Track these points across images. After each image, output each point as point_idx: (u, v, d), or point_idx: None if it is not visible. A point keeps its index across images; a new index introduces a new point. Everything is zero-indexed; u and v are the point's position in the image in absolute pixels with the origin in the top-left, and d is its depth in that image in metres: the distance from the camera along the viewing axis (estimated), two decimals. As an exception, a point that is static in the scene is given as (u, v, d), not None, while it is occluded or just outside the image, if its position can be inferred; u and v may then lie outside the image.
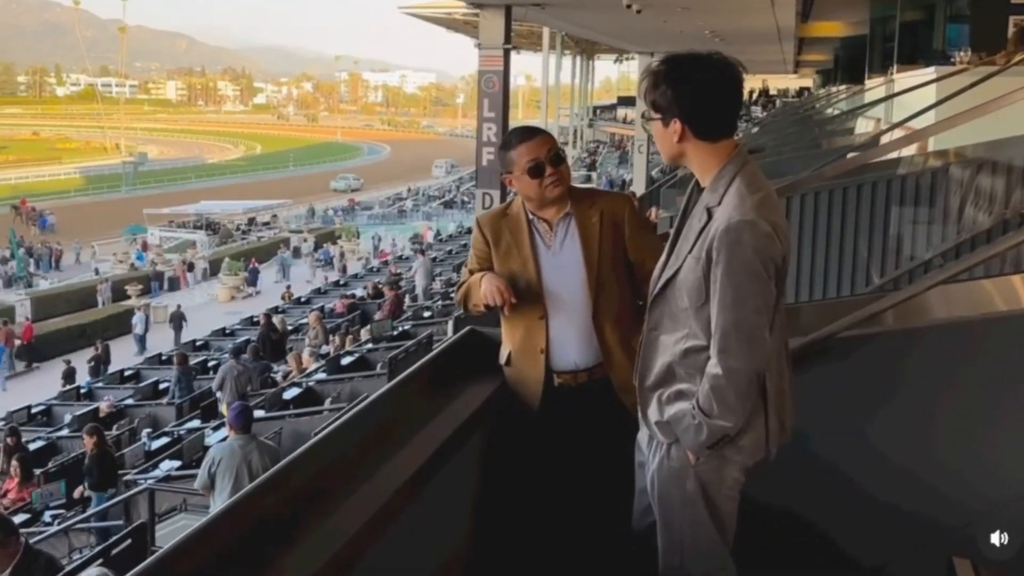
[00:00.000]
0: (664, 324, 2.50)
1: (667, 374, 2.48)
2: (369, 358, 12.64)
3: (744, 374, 2.31)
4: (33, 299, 31.71)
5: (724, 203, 2.33)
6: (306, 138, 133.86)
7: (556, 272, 3.04)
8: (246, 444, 6.52)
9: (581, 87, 60.22)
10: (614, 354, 3.00)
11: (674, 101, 2.35)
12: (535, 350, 3.05)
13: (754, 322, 2.31)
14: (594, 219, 3.01)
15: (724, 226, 2.29)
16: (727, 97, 2.39)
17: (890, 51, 15.78)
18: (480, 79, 13.52)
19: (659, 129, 2.41)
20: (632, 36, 23.56)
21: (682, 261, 2.41)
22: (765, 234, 2.28)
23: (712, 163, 2.38)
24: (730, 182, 2.35)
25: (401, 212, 54.93)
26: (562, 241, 3.05)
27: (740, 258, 2.28)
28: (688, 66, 2.37)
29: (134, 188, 69.37)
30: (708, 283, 2.33)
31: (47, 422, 16.19)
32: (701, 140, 2.38)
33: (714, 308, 2.33)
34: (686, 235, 2.43)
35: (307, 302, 25.49)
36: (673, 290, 2.45)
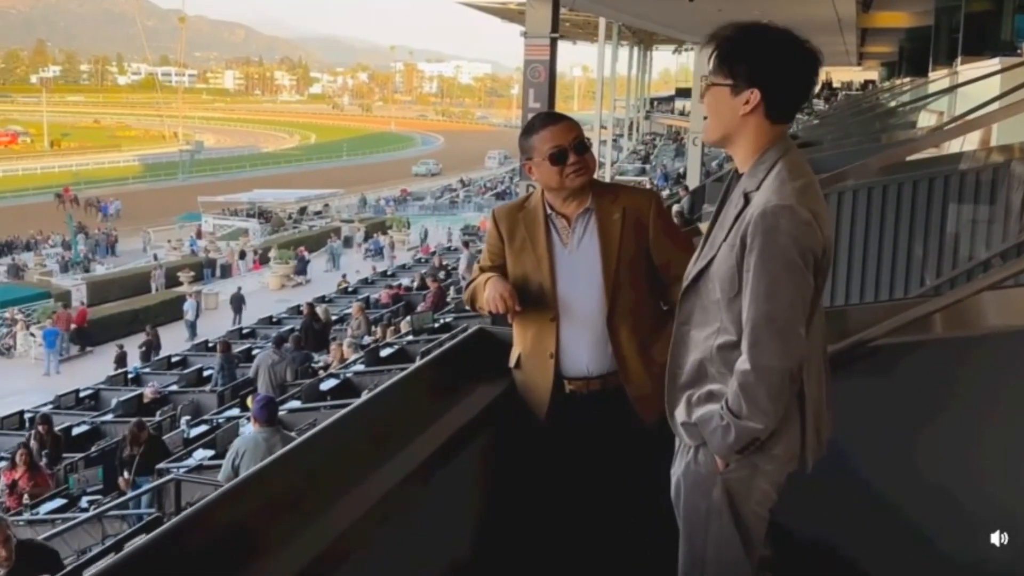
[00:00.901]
0: (695, 318, 2.32)
1: (698, 372, 2.30)
2: (409, 350, 12.51)
3: (776, 372, 2.12)
4: (89, 284, 32.22)
5: (763, 188, 2.17)
6: (360, 128, 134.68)
7: (571, 272, 2.83)
8: (270, 436, 6.41)
9: (638, 78, 59.58)
10: (629, 362, 2.80)
11: (759, 69, 2.17)
12: (545, 354, 2.84)
13: (788, 316, 2.12)
14: (615, 216, 2.80)
15: (760, 211, 2.12)
16: (810, 79, 2.23)
17: (955, 42, 15.22)
18: (526, 68, 13.30)
19: (723, 97, 2.22)
20: (686, 25, 23.16)
21: (716, 250, 2.24)
22: (804, 221, 2.10)
23: (760, 146, 2.21)
24: (771, 167, 2.18)
25: (453, 203, 54.87)
26: (580, 238, 2.84)
27: (776, 246, 2.10)
28: (779, 36, 2.20)
29: (190, 176, 70.34)
30: (741, 272, 2.16)
31: (94, 406, 16.35)
32: (766, 118, 2.20)
33: (746, 299, 2.15)
34: (721, 223, 2.26)
35: (354, 292, 25.49)
36: (705, 281, 2.28)
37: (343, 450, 2.49)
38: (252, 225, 44.12)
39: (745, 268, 2.14)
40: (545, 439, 2.87)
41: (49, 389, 19.40)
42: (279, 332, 17.92)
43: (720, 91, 2.22)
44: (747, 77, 2.17)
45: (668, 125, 64.03)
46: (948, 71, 14.69)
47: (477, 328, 3.32)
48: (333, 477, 2.35)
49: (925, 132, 11.25)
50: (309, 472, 2.34)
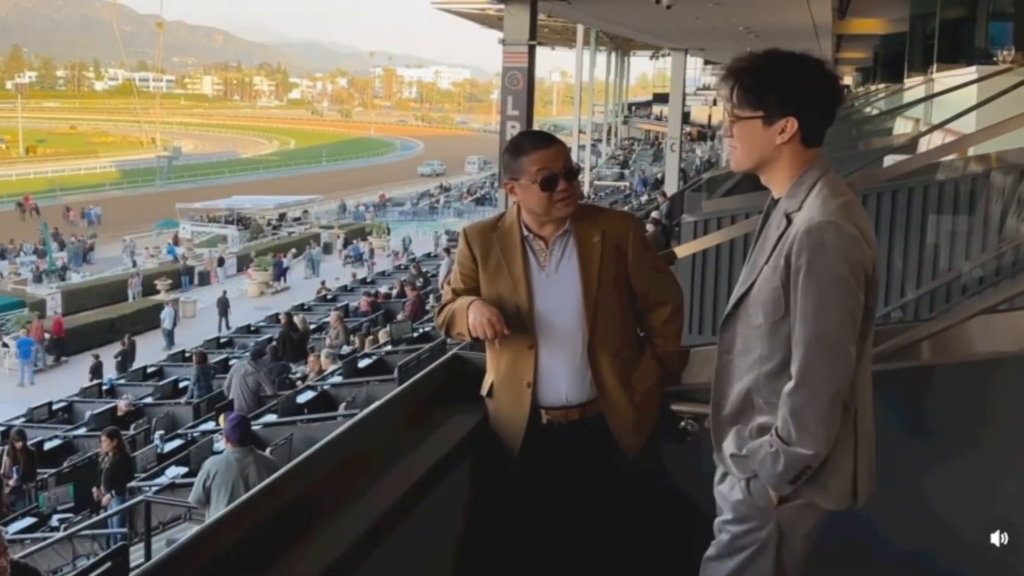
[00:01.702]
0: (737, 346, 2.27)
1: (744, 404, 2.25)
2: (387, 361, 12.34)
3: (826, 395, 2.06)
4: (64, 293, 31.79)
5: (805, 206, 2.13)
6: (340, 133, 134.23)
7: (549, 296, 2.71)
8: (243, 457, 6.25)
9: (616, 83, 59.68)
10: (610, 390, 2.69)
11: (791, 96, 2.14)
12: (520, 383, 2.73)
13: (838, 335, 2.07)
14: (595, 239, 2.70)
15: (805, 227, 2.08)
16: (838, 99, 2.24)
17: (930, 49, 15.26)
18: (504, 76, 13.18)
19: (755, 129, 2.17)
20: (664, 32, 23.16)
21: (757, 273, 2.20)
22: (851, 236, 2.06)
23: (797, 170, 2.19)
24: (812, 186, 2.15)
25: (432, 208, 54.68)
26: (558, 262, 2.72)
27: (823, 262, 2.05)
28: (802, 62, 2.19)
29: (168, 182, 69.77)
30: (787, 293, 2.12)
31: (68, 419, 16.10)
32: (801, 143, 2.17)
33: (794, 320, 2.10)
34: (761, 246, 2.23)
35: (333, 299, 25.31)
36: (746, 307, 2.23)
37: (315, 487, 2.40)
38: (231, 232, 43.77)
39: (792, 288, 2.09)
40: (521, 472, 2.76)
41: (23, 400, 19.10)
42: (256, 342, 17.75)
43: (751, 124, 2.18)
44: (779, 106, 2.14)
45: (646, 130, 64.19)
46: (923, 78, 14.72)
47: (452, 354, 3.21)
48: (306, 514, 2.28)
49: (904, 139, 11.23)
50: (281, 509, 2.25)
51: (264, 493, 2.28)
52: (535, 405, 2.72)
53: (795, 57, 2.18)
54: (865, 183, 4.92)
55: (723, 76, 2.24)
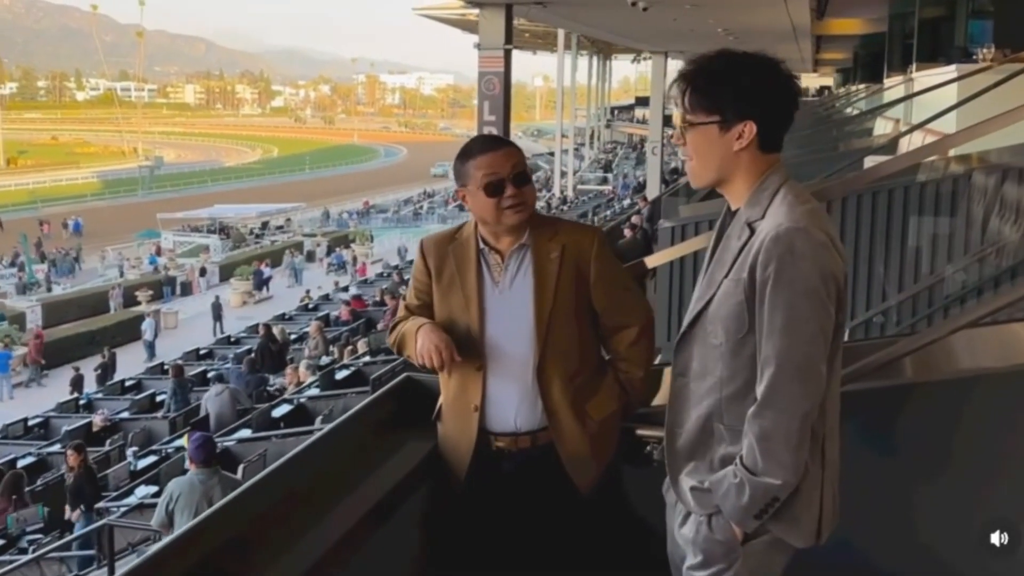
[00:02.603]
0: (693, 368, 2.07)
1: (703, 432, 2.05)
2: (365, 372, 12.12)
3: (796, 417, 1.88)
4: (44, 305, 31.42)
5: (769, 214, 1.96)
6: (323, 141, 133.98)
7: (501, 315, 2.51)
8: (207, 479, 6.04)
9: (598, 87, 59.67)
10: (561, 418, 2.49)
11: (749, 100, 1.98)
12: (468, 407, 2.53)
13: (810, 352, 1.89)
14: (554, 254, 2.48)
15: (773, 234, 1.90)
16: (795, 101, 2.06)
17: (910, 48, 15.18)
18: (480, 81, 13.01)
19: (710, 136, 2.00)
20: (643, 35, 23.06)
21: (716, 288, 2.01)
22: (822, 243, 1.90)
23: (757, 178, 2.02)
24: (774, 194, 1.99)
25: (416, 215, 54.46)
26: (513, 277, 2.51)
27: (794, 271, 1.88)
28: (758, 62, 2.02)
29: (150, 192, 69.34)
30: (752, 308, 1.93)
31: (44, 435, 15.81)
32: (759, 150, 2.01)
33: (760, 337, 1.92)
34: (720, 259, 2.04)
35: (314, 309, 25.06)
36: (703, 325, 2.04)
37: (261, 519, 2.25)
38: (213, 241, 43.41)
39: (757, 302, 1.92)
40: (468, 501, 2.57)
41: (2, 415, 18.80)
42: (235, 354, 17.51)
43: (706, 130, 2.01)
44: (737, 110, 1.98)
45: (629, 133, 64.13)
46: (903, 77, 14.63)
47: (404, 376, 3.02)
48: (252, 547, 2.15)
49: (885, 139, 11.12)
50: (227, 543, 2.13)
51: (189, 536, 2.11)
52: (483, 430, 2.53)
53: (751, 57, 2.02)
54: (845, 187, 4.75)
55: (675, 80, 2.07)
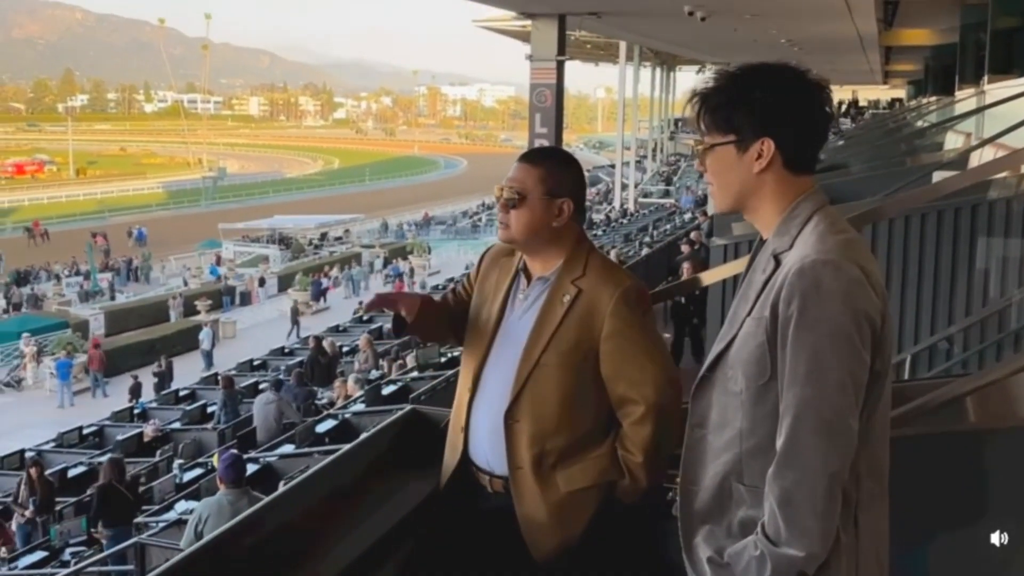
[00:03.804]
0: (711, 418, 1.82)
1: (721, 492, 1.79)
2: (412, 387, 11.92)
3: (821, 478, 1.61)
4: (107, 313, 31.96)
5: (797, 245, 1.74)
6: (384, 152, 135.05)
7: (504, 345, 2.31)
8: (237, 500, 5.88)
9: (662, 99, 59.11)
10: (522, 476, 2.22)
11: (768, 115, 1.76)
12: (457, 426, 2.39)
13: (837, 403, 1.62)
14: (566, 296, 2.23)
15: (798, 267, 1.67)
16: (824, 114, 1.81)
17: (982, 60, 14.64)
18: (531, 92, 12.79)
19: (728, 157, 1.80)
20: (703, 45, 22.71)
21: (738, 327, 1.78)
22: (854, 279, 1.65)
23: (787, 202, 1.79)
24: (805, 222, 1.76)
25: (475, 227, 54.42)
26: (527, 308, 2.30)
27: (819, 310, 1.63)
28: (779, 74, 1.80)
29: (213, 202, 70.39)
30: (773, 350, 1.69)
31: (99, 443, 15.92)
32: (787, 170, 1.78)
33: (782, 384, 1.66)
34: (744, 295, 1.81)
35: (369, 321, 25.00)
36: (724, 369, 1.80)
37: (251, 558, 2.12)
38: (272, 252, 43.86)
39: (779, 344, 1.67)
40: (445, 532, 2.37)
41: (63, 423, 19.02)
42: (287, 366, 17.48)
43: (723, 152, 1.81)
44: (752, 127, 1.77)
45: (692, 146, 63.36)
46: (975, 90, 14.12)
47: (410, 408, 2.83)
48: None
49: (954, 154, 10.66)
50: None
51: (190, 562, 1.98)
52: (467, 455, 2.34)
53: (769, 68, 1.80)
54: (903, 204, 4.41)
55: (688, 100, 1.85)
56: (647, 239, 26.21)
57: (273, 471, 9.66)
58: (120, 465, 9.88)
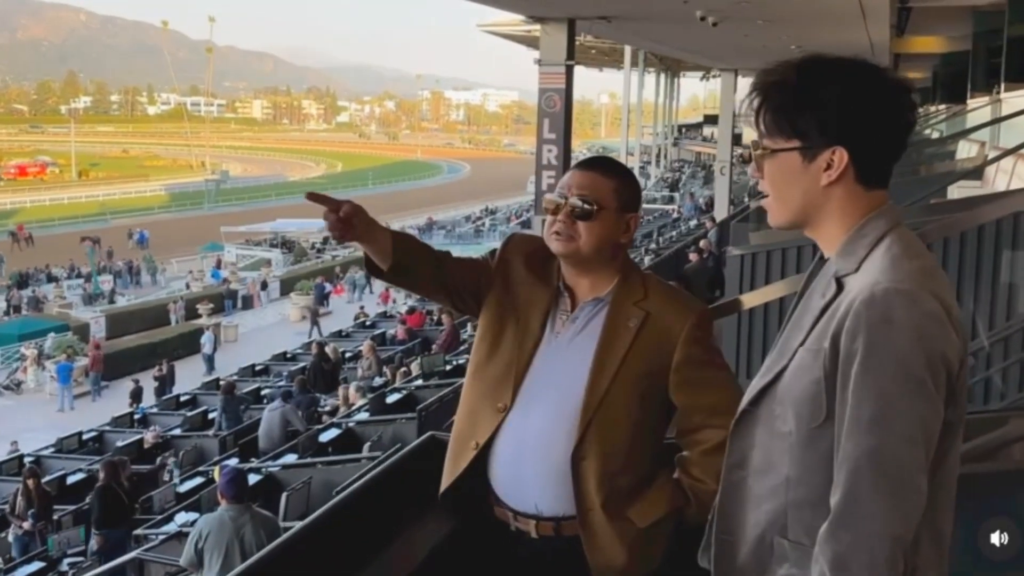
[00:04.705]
0: (753, 459, 1.60)
1: (761, 546, 1.57)
2: (417, 396, 11.75)
3: (883, 542, 1.38)
4: (108, 316, 31.80)
5: (864, 268, 1.49)
6: (387, 156, 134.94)
7: (549, 371, 2.09)
8: (239, 516, 5.70)
9: (665, 105, 59.02)
10: (594, 519, 2.05)
11: (842, 120, 1.50)
12: (468, 441, 2.14)
13: (905, 457, 1.39)
14: (632, 321, 2.05)
15: (866, 296, 1.42)
16: (907, 121, 1.55)
17: (996, 68, 14.45)
18: (540, 97, 12.64)
19: (791, 165, 1.54)
20: (712, 51, 22.54)
21: (788, 358, 1.54)
22: (931, 314, 1.40)
23: (855, 219, 1.54)
24: (876, 242, 1.51)
25: (478, 231, 54.30)
26: (577, 332, 2.09)
27: (890, 348, 1.38)
28: (857, 71, 1.53)
29: (216, 205, 70.30)
30: (831, 389, 1.44)
31: (99, 449, 15.75)
32: (858, 183, 1.53)
33: (840, 430, 1.43)
34: (797, 321, 1.57)
35: (372, 326, 24.85)
36: (770, 404, 1.56)
37: None
38: (275, 255, 43.75)
39: (840, 384, 1.43)
40: None
41: (63, 426, 18.92)
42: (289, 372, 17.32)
43: (786, 158, 1.55)
44: (824, 132, 1.51)
45: (696, 152, 63.30)
46: (989, 98, 13.95)
47: (428, 435, 2.64)
48: None
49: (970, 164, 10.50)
50: None
51: None
52: (500, 506, 2.12)
53: (843, 63, 1.55)
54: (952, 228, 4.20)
55: (748, 94, 1.59)
56: (652, 246, 26.02)
57: (276, 482, 9.48)
58: (117, 466, 9.70)
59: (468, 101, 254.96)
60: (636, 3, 12.68)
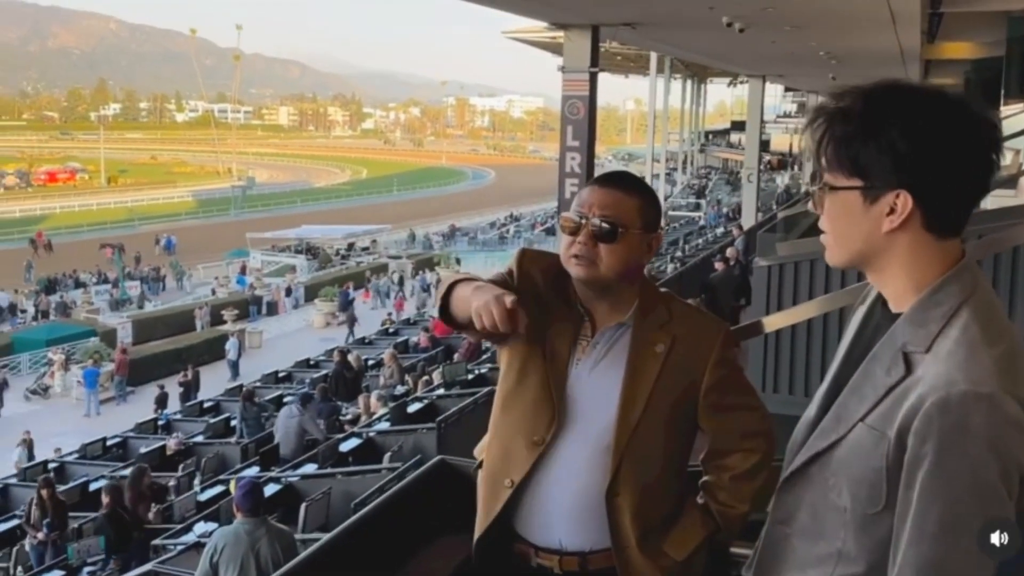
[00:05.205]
0: (800, 519, 1.49)
1: None
2: (438, 406, 11.63)
3: None
4: (135, 322, 32.00)
5: (938, 351, 1.33)
6: (411, 163, 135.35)
7: (577, 400, 1.96)
8: (254, 529, 5.60)
9: (692, 111, 58.72)
10: (631, 556, 1.93)
11: (907, 161, 1.34)
12: (501, 478, 2.01)
13: (969, 572, 1.26)
14: (659, 347, 1.94)
15: (941, 398, 1.27)
16: (987, 169, 1.37)
17: (1031, 72, 14.20)
18: (563, 104, 12.48)
19: (851, 206, 1.40)
20: (739, 57, 22.30)
21: (847, 430, 1.40)
22: (1012, 420, 1.26)
23: (924, 273, 1.39)
24: (950, 315, 1.35)
25: (502, 239, 54.20)
26: (598, 360, 1.97)
27: (962, 459, 1.25)
28: (930, 104, 1.36)
29: (242, 211, 70.67)
30: (893, 482, 1.33)
31: (122, 455, 15.77)
32: (927, 232, 1.37)
33: (902, 533, 1.30)
34: (857, 388, 1.42)
35: (395, 333, 24.77)
36: (824, 471, 1.44)
37: None
38: (299, 261, 43.86)
39: (904, 480, 1.31)
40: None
41: (89, 432, 19.00)
42: (312, 379, 17.26)
43: (847, 197, 1.40)
44: (885, 172, 1.36)
45: (724, 159, 62.97)
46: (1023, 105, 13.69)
47: (438, 459, 2.52)
48: None
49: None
50: None
51: None
52: (519, 538, 2.00)
53: (916, 93, 1.38)
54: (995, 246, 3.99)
55: (811, 120, 1.43)
56: (678, 254, 25.82)
57: (295, 492, 9.39)
58: (121, 490, 9.69)
59: (493, 107, 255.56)
60: (661, 9, 12.54)
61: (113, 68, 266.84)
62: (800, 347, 7.27)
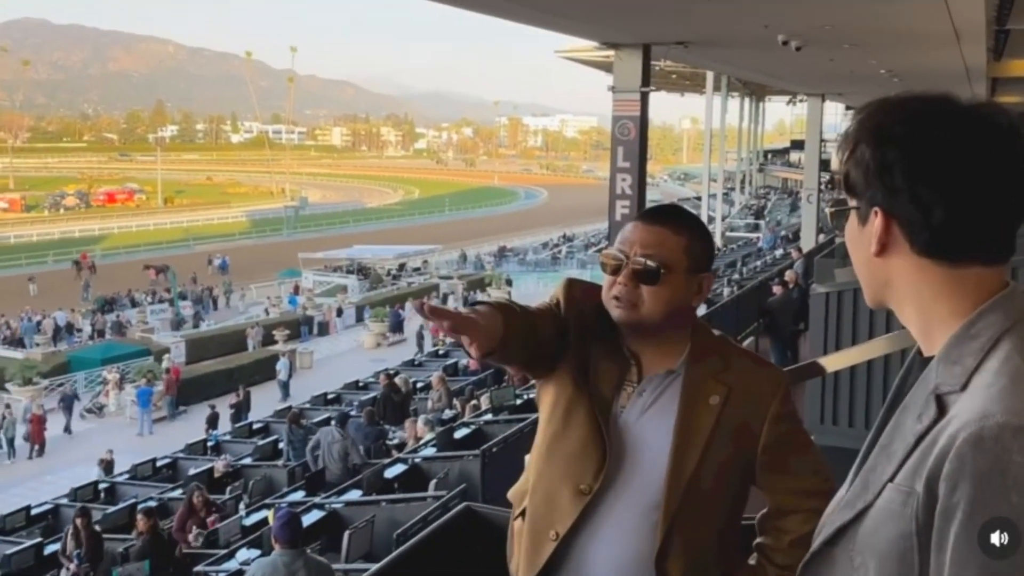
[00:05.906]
0: None
1: None
2: (485, 432, 11.42)
3: None
4: (188, 341, 32.34)
5: (974, 387, 1.09)
6: (463, 183, 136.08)
7: (620, 449, 1.78)
8: (292, 561, 5.44)
9: (750, 130, 58.02)
10: None
11: (871, 172, 1.17)
12: (546, 529, 1.83)
13: None
14: (714, 398, 1.76)
15: (974, 433, 1.02)
16: (999, 179, 1.12)
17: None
18: (614, 125, 12.26)
19: (852, 227, 1.23)
20: (796, 76, 21.90)
21: (874, 495, 1.14)
22: None
23: (948, 309, 1.16)
24: (988, 348, 1.11)
25: (555, 259, 53.97)
26: (644, 409, 1.78)
27: (1002, 504, 1.00)
28: (913, 110, 1.17)
29: (295, 232, 71.45)
30: (924, 547, 1.06)
31: (172, 476, 15.80)
32: (927, 257, 1.15)
33: None
34: (888, 443, 1.17)
35: (445, 355, 24.63)
36: (849, 548, 1.17)
37: None
38: (351, 281, 44.08)
39: (935, 541, 1.05)
40: None
41: (142, 451, 19.19)
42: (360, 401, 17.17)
43: (850, 221, 1.23)
44: (863, 189, 1.18)
45: (783, 178, 62.06)
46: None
47: (464, 506, 2.34)
48: None
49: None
50: None
51: None
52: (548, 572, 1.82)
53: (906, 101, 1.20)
54: None
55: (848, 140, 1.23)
56: (735, 277, 25.31)
57: (339, 519, 9.23)
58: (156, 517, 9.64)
59: (546, 127, 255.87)
60: (714, 28, 12.28)
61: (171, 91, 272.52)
62: (860, 377, 6.97)
